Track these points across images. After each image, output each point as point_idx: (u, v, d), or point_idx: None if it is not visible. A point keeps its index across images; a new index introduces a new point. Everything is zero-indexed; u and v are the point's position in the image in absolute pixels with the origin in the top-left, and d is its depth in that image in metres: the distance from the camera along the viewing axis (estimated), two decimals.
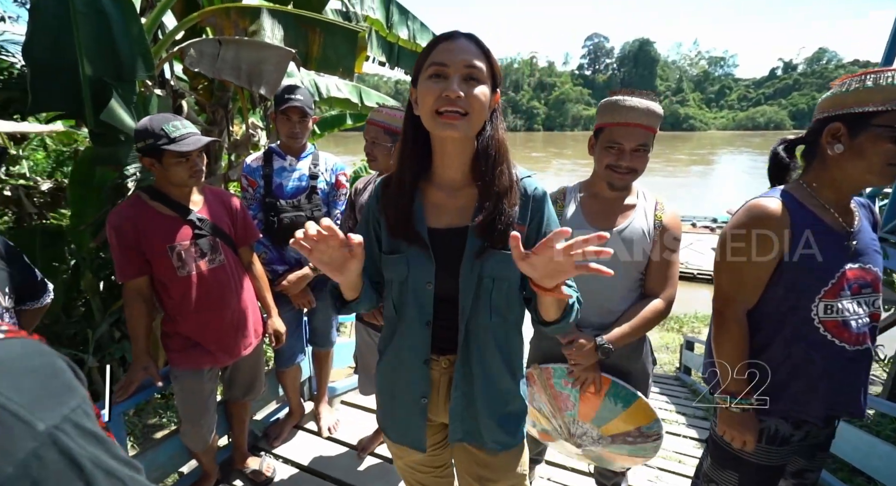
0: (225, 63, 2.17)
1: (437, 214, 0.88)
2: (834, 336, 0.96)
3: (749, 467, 1.06)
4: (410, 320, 0.89)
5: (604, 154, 1.18)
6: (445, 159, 0.85)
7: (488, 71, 0.78)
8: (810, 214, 0.97)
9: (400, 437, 0.98)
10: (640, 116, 1.13)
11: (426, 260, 0.85)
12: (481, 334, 0.86)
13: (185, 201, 1.45)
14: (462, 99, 0.75)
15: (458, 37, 0.78)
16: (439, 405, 0.95)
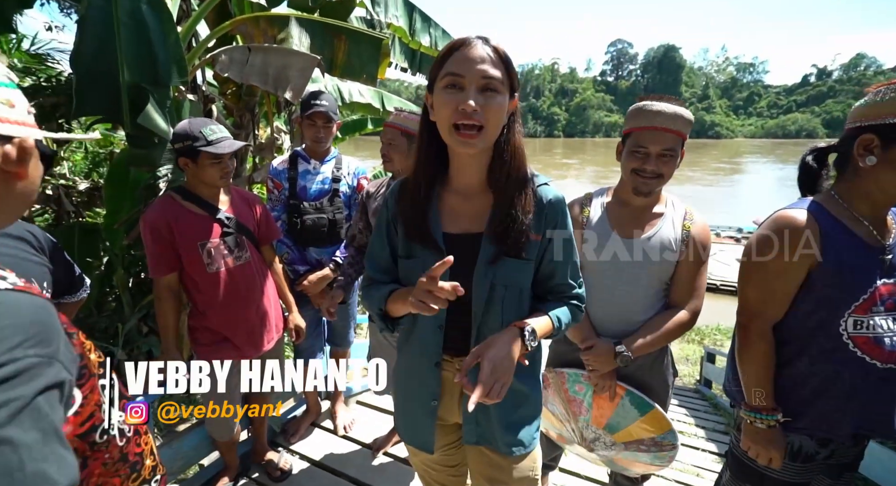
0: (253, 68, 2.26)
1: (453, 219, 0.88)
2: (864, 353, 0.92)
3: (771, 482, 1.03)
4: (424, 323, 0.90)
5: (630, 158, 1.17)
6: (461, 166, 0.85)
7: (505, 78, 0.77)
8: (840, 225, 0.94)
9: (411, 437, 1.00)
10: (666, 119, 1.12)
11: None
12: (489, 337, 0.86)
13: (215, 201, 1.52)
14: (478, 112, 0.74)
15: (474, 43, 0.76)
16: (453, 407, 0.96)
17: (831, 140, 1.05)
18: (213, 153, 1.39)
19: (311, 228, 1.85)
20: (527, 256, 0.83)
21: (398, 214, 0.90)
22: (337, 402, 2.25)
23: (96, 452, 0.62)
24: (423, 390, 0.95)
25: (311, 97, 1.83)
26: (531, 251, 0.84)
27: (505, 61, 0.77)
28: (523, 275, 0.84)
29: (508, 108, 0.79)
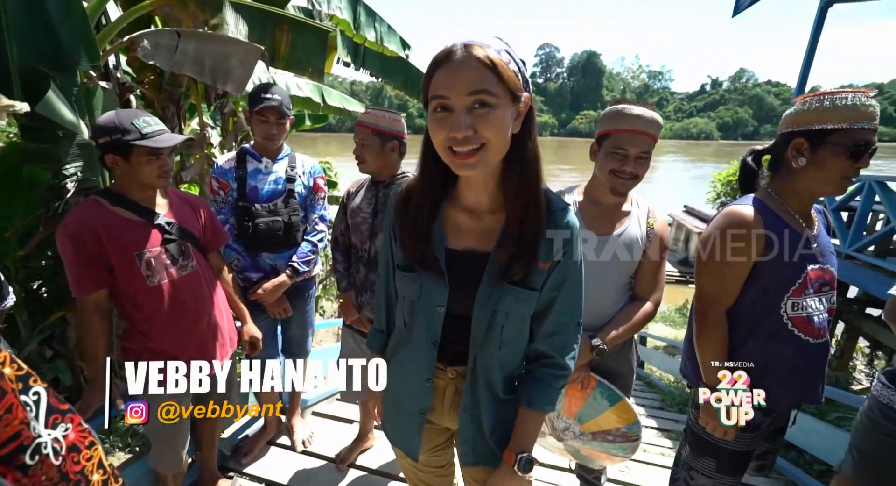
0: (185, 57, 2.03)
1: (458, 236, 0.83)
2: (800, 331, 1.06)
3: (726, 453, 1.15)
4: (418, 337, 0.87)
5: (608, 159, 1.21)
6: (470, 184, 0.80)
7: (500, 86, 0.67)
8: (779, 219, 1.07)
9: (398, 442, 1.00)
10: (644, 123, 1.18)
11: (440, 283, 0.82)
12: (488, 362, 0.85)
13: (151, 205, 1.34)
14: (472, 135, 0.67)
15: (455, 57, 0.67)
16: (444, 413, 0.94)
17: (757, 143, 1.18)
18: (151, 148, 1.22)
19: (264, 233, 1.72)
20: (531, 285, 0.79)
21: (397, 225, 0.86)
22: (293, 415, 2.12)
23: (30, 476, 0.54)
24: (412, 402, 0.93)
25: (262, 91, 1.69)
26: (536, 280, 0.79)
27: (493, 66, 0.67)
28: (526, 305, 0.80)
29: (520, 110, 0.72)
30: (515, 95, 0.70)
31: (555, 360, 0.85)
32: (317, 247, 1.85)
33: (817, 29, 4.97)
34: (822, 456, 2.31)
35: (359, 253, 1.66)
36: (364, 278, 1.65)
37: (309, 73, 2.40)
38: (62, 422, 0.60)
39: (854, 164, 0.98)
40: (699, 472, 1.19)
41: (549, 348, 0.85)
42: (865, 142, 0.96)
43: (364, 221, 1.62)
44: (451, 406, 0.93)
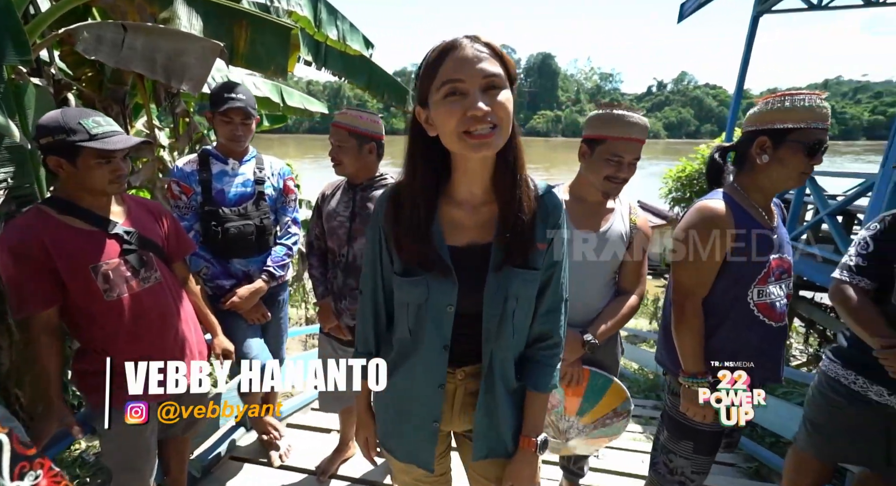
0: (133, 52, 1.89)
1: (457, 232, 0.83)
2: (764, 316, 1.15)
3: (702, 435, 1.22)
4: (427, 343, 0.85)
5: (603, 165, 1.24)
6: (468, 176, 0.80)
7: (504, 73, 0.71)
8: (746, 213, 1.14)
9: (408, 456, 0.94)
10: (640, 131, 1.22)
11: (448, 282, 0.81)
12: (503, 355, 0.85)
13: (105, 212, 1.23)
14: (490, 113, 0.68)
15: (464, 44, 0.69)
16: (453, 417, 0.92)
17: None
18: (102, 151, 1.12)
19: (235, 237, 1.64)
20: (534, 265, 0.81)
21: (390, 231, 0.83)
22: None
23: None
24: (424, 412, 0.89)
25: (225, 90, 1.61)
26: (537, 260, 0.82)
27: (499, 56, 0.71)
28: (532, 286, 0.82)
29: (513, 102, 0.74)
30: (512, 82, 0.73)
31: (550, 340, 0.88)
32: (291, 250, 1.79)
33: (751, 36, 5.39)
34: (773, 429, 2.51)
35: (336, 258, 1.61)
36: (342, 283, 1.61)
37: (272, 72, 2.30)
38: (31, 470, 0.53)
39: (810, 161, 1.07)
40: (678, 454, 1.26)
41: (546, 326, 0.87)
42: (819, 141, 1.06)
43: (341, 225, 1.57)
44: (461, 409, 0.91)
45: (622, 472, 2.13)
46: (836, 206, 3.70)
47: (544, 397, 0.90)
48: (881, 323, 1.19)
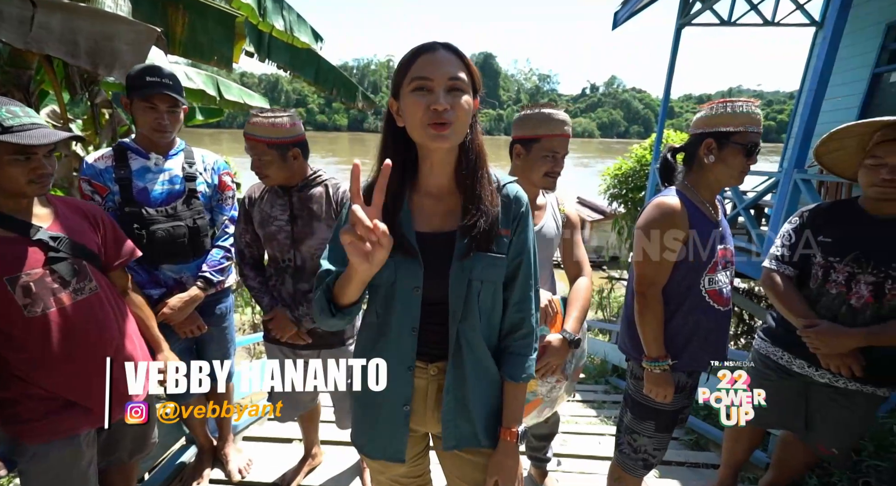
0: (48, 32, 1.65)
1: (424, 219, 0.88)
2: (714, 302, 1.27)
3: (663, 414, 1.32)
4: (396, 326, 0.88)
5: (541, 162, 1.28)
6: (433, 167, 0.86)
7: (469, 80, 0.80)
8: (696, 208, 1.25)
9: (379, 452, 0.95)
10: (568, 127, 1.29)
11: (414, 265, 0.85)
12: (470, 336, 0.88)
13: (26, 216, 1.07)
14: (449, 111, 0.77)
15: (437, 48, 0.78)
16: (426, 415, 0.93)
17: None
18: (17, 145, 0.98)
19: (163, 241, 1.46)
20: (499, 250, 0.86)
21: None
22: (225, 443, 1.90)
23: None
24: (393, 397, 0.91)
25: (147, 73, 1.40)
26: (502, 245, 0.87)
27: (467, 64, 0.80)
28: (497, 270, 0.87)
29: (472, 107, 0.82)
30: (475, 91, 0.82)
31: (523, 330, 0.92)
32: (230, 252, 1.64)
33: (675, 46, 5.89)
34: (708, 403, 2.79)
35: (280, 264, 1.51)
36: (293, 289, 1.51)
37: (215, 62, 2.12)
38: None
39: (748, 160, 1.20)
40: (641, 434, 1.36)
41: (518, 316, 0.91)
42: (755, 143, 1.18)
43: (280, 230, 1.47)
44: (434, 405, 0.92)
45: (583, 455, 2.25)
46: (751, 201, 4.16)
47: (521, 387, 0.93)
48: (804, 306, 1.36)
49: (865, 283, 1.28)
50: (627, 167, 7.42)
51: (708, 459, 2.25)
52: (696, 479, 1.92)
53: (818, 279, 1.37)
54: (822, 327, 1.29)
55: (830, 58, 2.93)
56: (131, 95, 1.42)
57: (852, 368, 1.28)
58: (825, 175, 3.38)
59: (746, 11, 5.65)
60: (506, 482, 0.91)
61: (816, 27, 5.61)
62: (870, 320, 1.28)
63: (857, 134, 1.30)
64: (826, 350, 1.30)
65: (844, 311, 1.31)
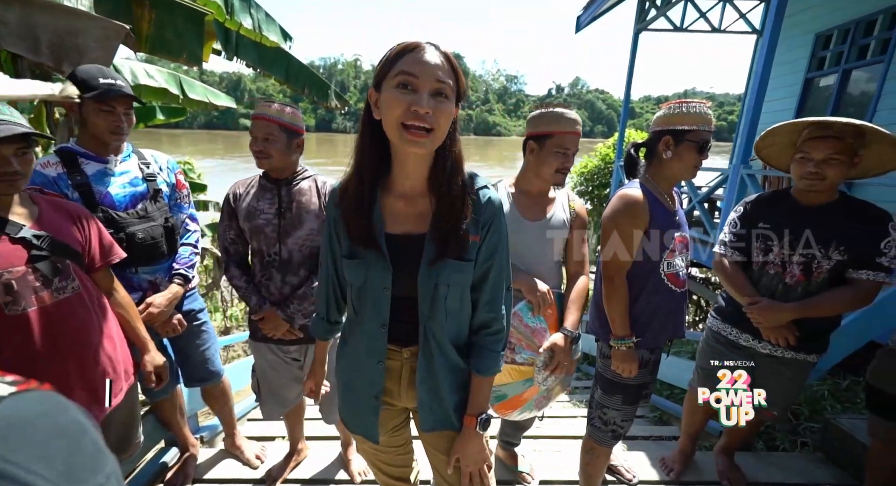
0: (5, 27, 1.59)
1: (395, 221, 0.89)
2: (671, 284, 1.40)
3: (629, 388, 1.44)
4: (368, 321, 0.92)
5: (553, 158, 1.37)
6: (406, 169, 0.85)
7: (454, 86, 0.78)
8: (656, 199, 1.37)
9: (357, 428, 1.03)
10: (578, 125, 1.37)
11: (383, 266, 0.87)
12: (438, 332, 0.91)
13: (4, 213, 1.06)
14: (430, 115, 0.75)
15: (428, 48, 0.76)
16: (401, 393, 0.99)
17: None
18: None
19: (143, 243, 1.45)
20: (467, 257, 0.87)
21: (339, 216, 0.90)
22: (235, 437, 1.94)
23: None
24: (366, 386, 0.97)
25: (100, 74, 1.37)
26: (471, 252, 0.87)
27: (454, 70, 0.78)
28: (464, 275, 0.88)
29: (453, 115, 0.81)
30: (459, 99, 0.81)
31: (493, 327, 0.95)
32: (197, 248, 1.65)
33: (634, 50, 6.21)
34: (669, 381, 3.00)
35: (265, 258, 1.52)
36: (281, 283, 1.52)
37: (184, 60, 2.09)
38: None
39: (700, 156, 1.33)
40: (609, 407, 1.48)
41: (489, 315, 0.94)
42: (706, 140, 1.32)
43: (268, 223, 1.49)
44: (408, 385, 0.98)
45: (555, 435, 2.38)
46: (704, 195, 4.47)
47: (488, 380, 0.96)
48: (748, 286, 1.52)
49: (797, 263, 1.45)
50: (593, 165, 7.72)
51: (671, 432, 2.44)
52: (660, 450, 2.08)
53: (759, 262, 1.53)
54: (763, 304, 1.46)
55: (769, 63, 3.21)
56: (84, 97, 1.35)
57: (788, 338, 1.45)
58: (768, 170, 3.69)
59: (696, 19, 6.03)
60: (466, 461, 0.96)
61: (757, 35, 6.06)
62: (801, 296, 1.45)
63: (788, 132, 1.47)
64: (766, 324, 1.46)
65: (781, 289, 1.48)
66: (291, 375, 1.64)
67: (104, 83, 1.35)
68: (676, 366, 2.86)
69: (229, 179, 1.66)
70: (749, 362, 1.27)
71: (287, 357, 1.61)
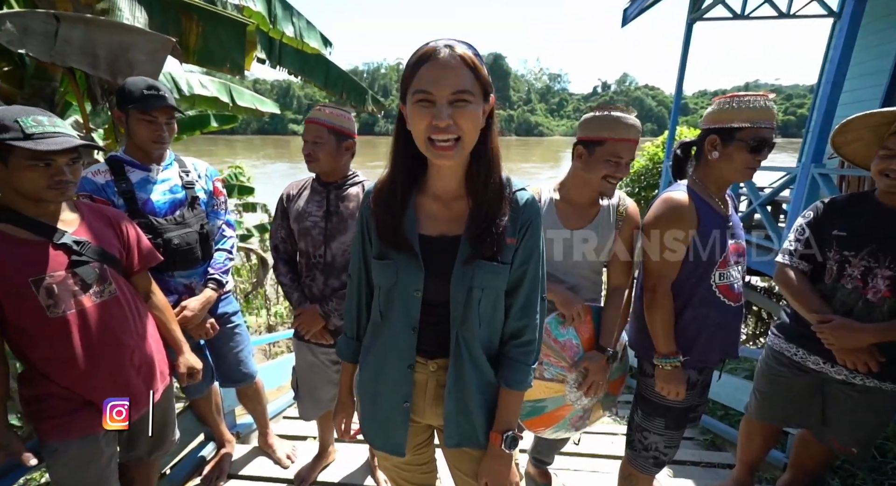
0: (69, 46, 1.73)
1: (430, 223, 0.88)
2: (724, 297, 1.25)
3: (673, 411, 1.31)
4: (397, 324, 0.89)
5: (603, 165, 1.23)
6: (440, 172, 0.85)
7: (476, 84, 0.75)
8: (705, 203, 1.24)
9: (382, 443, 0.98)
10: (636, 132, 1.24)
11: (416, 268, 0.85)
12: (470, 340, 0.88)
13: (51, 220, 1.12)
14: (452, 125, 0.74)
15: (440, 55, 0.73)
16: (425, 408, 0.96)
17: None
18: (34, 151, 1.01)
19: (178, 248, 1.50)
20: (502, 259, 0.84)
21: (370, 217, 0.89)
22: (268, 435, 2.00)
23: None
24: (394, 393, 0.93)
25: (144, 86, 1.43)
26: (506, 255, 0.85)
27: (473, 67, 0.75)
28: (499, 278, 0.85)
29: (485, 110, 0.79)
30: (486, 93, 0.78)
31: (524, 337, 0.90)
32: (232, 254, 1.70)
33: (687, 42, 5.81)
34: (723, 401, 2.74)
35: (311, 260, 1.55)
36: (323, 285, 1.55)
37: (227, 70, 2.18)
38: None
39: (756, 157, 1.18)
40: (651, 431, 1.34)
41: (520, 323, 0.89)
42: (763, 138, 1.16)
43: (315, 225, 1.51)
44: (433, 401, 0.94)
45: (594, 454, 2.23)
46: (767, 197, 4.07)
47: (517, 395, 0.91)
48: (818, 301, 1.33)
49: (882, 277, 1.25)
50: (639, 165, 7.33)
51: (724, 459, 2.21)
52: (711, 478, 1.89)
53: (833, 274, 1.34)
54: (836, 323, 1.27)
55: (848, 49, 2.86)
56: (129, 107, 1.42)
57: (869, 364, 1.25)
58: (846, 169, 3.29)
59: (760, 4, 5.54)
60: (494, 484, 0.91)
61: (834, 18, 5.46)
62: (887, 316, 1.25)
63: (875, 124, 1.27)
64: (841, 346, 1.27)
65: (861, 306, 1.28)
66: (328, 377, 1.65)
67: (147, 94, 1.42)
68: (731, 385, 2.60)
69: (277, 182, 1.71)
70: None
71: (326, 359, 1.63)
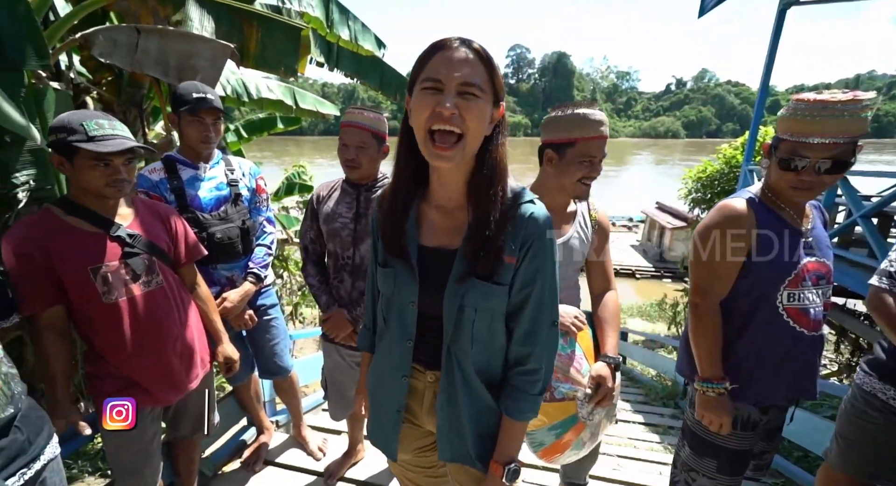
0: (147, 55, 1.90)
1: (430, 233, 0.85)
2: (795, 322, 1.07)
3: (727, 453, 1.14)
4: (394, 335, 0.89)
5: (577, 168, 1.16)
6: (441, 178, 0.81)
7: (488, 84, 0.72)
8: (772, 212, 1.07)
9: (377, 442, 0.99)
10: (605, 128, 1.16)
11: (411, 279, 0.83)
12: (462, 359, 0.83)
13: (110, 214, 1.23)
14: (456, 116, 0.69)
15: (454, 46, 0.71)
16: (423, 416, 0.94)
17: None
18: (94, 152, 1.11)
19: (220, 242, 1.59)
20: (498, 280, 0.78)
21: (376, 222, 0.89)
22: (301, 427, 2.06)
23: None
24: (389, 400, 0.93)
25: (194, 90, 1.53)
26: (504, 275, 0.78)
27: (488, 66, 0.71)
28: (495, 300, 0.79)
29: (494, 116, 0.74)
30: (497, 98, 0.74)
31: (528, 366, 0.83)
32: (271, 249, 1.76)
33: (777, 29, 5.17)
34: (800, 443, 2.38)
35: (340, 261, 1.56)
36: (351, 287, 1.55)
37: (281, 73, 2.29)
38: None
39: (797, 175, 1.00)
40: (700, 473, 1.18)
41: (524, 350, 0.82)
42: (799, 155, 0.97)
43: (344, 227, 1.52)
44: (430, 410, 0.92)
45: (638, 484, 2.04)
46: (871, 207, 3.50)
47: (520, 425, 0.84)
48: None
49: None
50: (713, 169, 6.69)
51: None
52: None
53: None
54: None
55: None
56: (180, 110, 1.52)
57: None
58: None
59: None
60: None
61: None
62: None
63: None
64: None
65: None
66: (355, 379, 1.66)
67: (196, 97, 1.51)
68: (809, 424, 2.26)
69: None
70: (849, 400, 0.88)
71: (352, 362, 1.65)
